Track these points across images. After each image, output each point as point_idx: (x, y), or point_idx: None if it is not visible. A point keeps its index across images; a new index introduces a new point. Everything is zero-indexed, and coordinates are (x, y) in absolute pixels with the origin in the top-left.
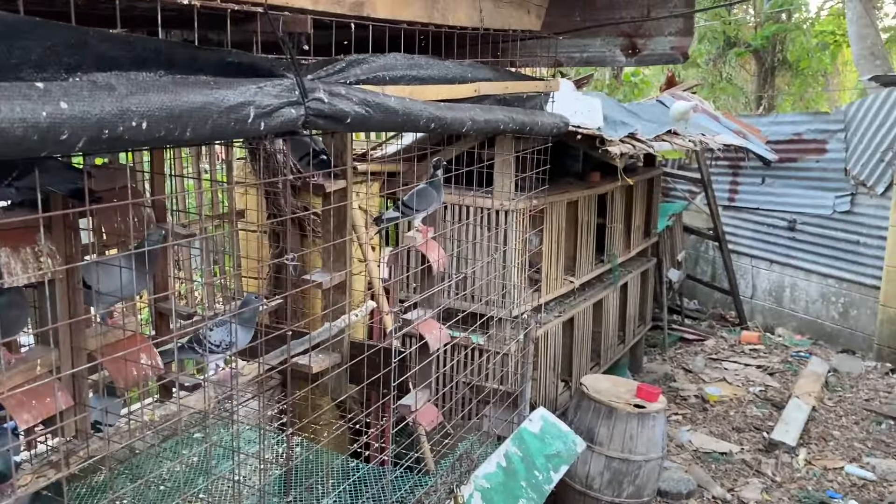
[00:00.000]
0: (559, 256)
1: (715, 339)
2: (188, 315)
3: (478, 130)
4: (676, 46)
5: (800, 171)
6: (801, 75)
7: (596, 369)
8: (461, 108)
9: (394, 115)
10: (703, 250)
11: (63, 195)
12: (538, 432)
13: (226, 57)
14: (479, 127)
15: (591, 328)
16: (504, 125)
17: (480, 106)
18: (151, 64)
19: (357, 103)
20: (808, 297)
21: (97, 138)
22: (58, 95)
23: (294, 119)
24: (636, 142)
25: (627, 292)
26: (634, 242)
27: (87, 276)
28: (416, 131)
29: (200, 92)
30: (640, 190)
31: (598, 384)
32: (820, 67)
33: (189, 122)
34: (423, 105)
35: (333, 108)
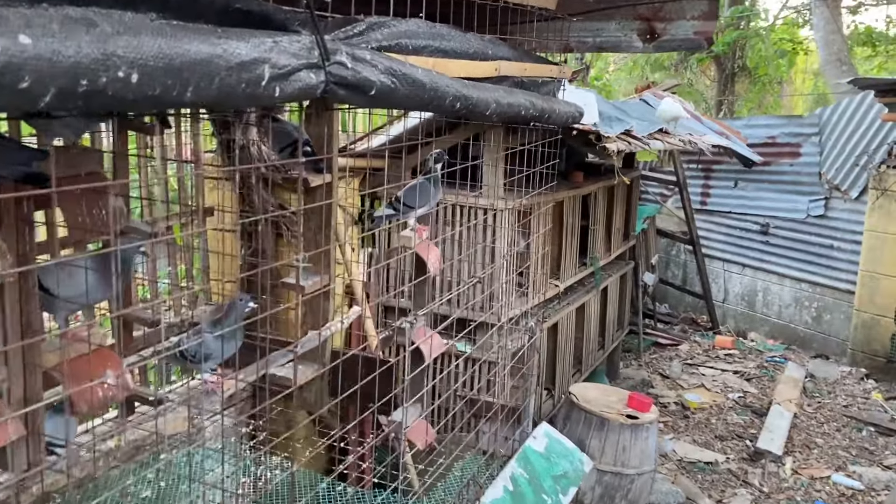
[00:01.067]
0: (546, 259)
1: (689, 344)
2: (152, 322)
3: (501, 115)
4: (700, 31)
5: (773, 174)
6: (759, 82)
7: (577, 376)
8: (485, 87)
9: (421, 89)
10: (674, 254)
11: (14, 181)
12: (543, 451)
13: (233, 2)
14: (502, 111)
15: (574, 334)
16: (525, 110)
17: (503, 88)
18: (139, 3)
19: (383, 72)
20: (782, 301)
21: (71, 91)
22: (16, 25)
23: (313, 86)
24: (632, 139)
25: (608, 296)
26: (615, 245)
27: (44, 279)
28: (440, 111)
29: (206, 41)
30: (620, 191)
31: (588, 393)
32: (777, 75)
33: (191, 79)
34: (449, 81)
35: (357, 75)
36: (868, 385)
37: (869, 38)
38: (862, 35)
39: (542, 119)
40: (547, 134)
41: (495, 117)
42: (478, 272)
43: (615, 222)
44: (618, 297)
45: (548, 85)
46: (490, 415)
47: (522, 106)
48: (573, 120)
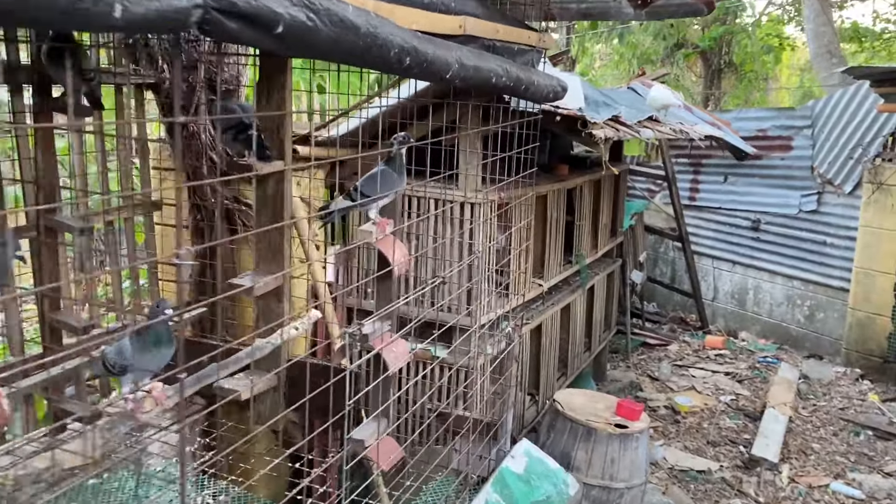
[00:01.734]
0: (528, 257)
1: (678, 344)
2: (86, 328)
3: (465, 79)
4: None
5: (764, 168)
6: (746, 78)
7: (563, 380)
8: (445, 45)
9: (353, 33)
10: (661, 251)
11: None
12: (523, 472)
13: None
14: (466, 74)
15: (559, 335)
16: (496, 77)
17: (469, 48)
18: None
19: (296, 3)
20: (773, 299)
21: None
22: None
23: (181, 10)
24: (621, 126)
25: (594, 296)
26: (601, 242)
27: None
28: (383, 67)
29: None
30: (607, 186)
31: (573, 400)
32: (763, 71)
33: None
34: (395, 29)
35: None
36: (864, 386)
37: (855, 33)
38: (848, 30)
39: (517, 90)
40: (526, 115)
41: (458, 81)
42: (451, 270)
43: (602, 218)
44: (605, 297)
45: (525, 54)
46: (463, 431)
47: (493, 72)
48: (555, 95)
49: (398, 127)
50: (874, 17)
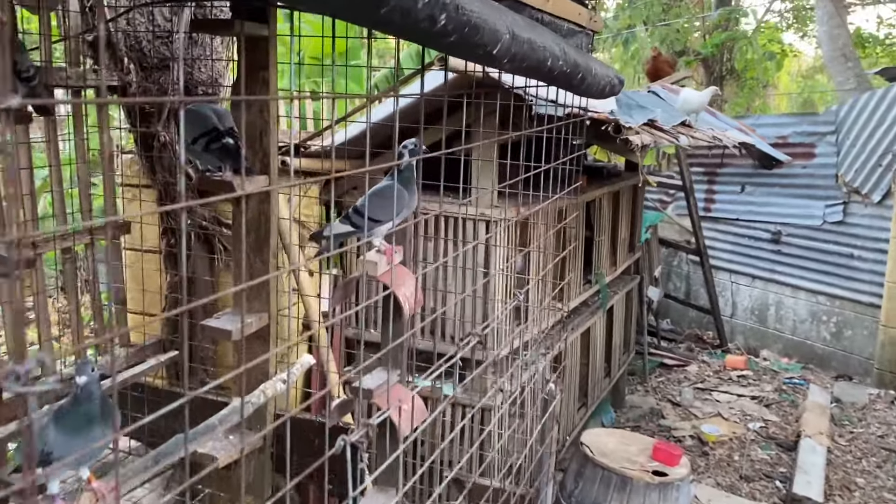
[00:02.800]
0: (547, 278)
1: (697, 365)
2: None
3: (516, 58)
4: None
5: (784, 177)
6: (747, 85)
7: (583, 411)
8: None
9: None
10: (675, 265)
11: None
12: None
13: None
14: (519, 50)
15: (579, 362)
16: (553, 59)
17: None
18: None
19: None
20: (796, 315)
21: None
22: None
23: None
24: (657, 131)
25: (613, 316)
26: (620, 258)
27: None
28: (405, 30)
29: None
30: (625, 198)
31: (603, 443)
32: (765, 78)
33: None
34: None
35: None
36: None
37: (859, 38)
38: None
39: (572, 79)
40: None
41: (506, 61)
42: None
43: (621, 232)
44: (624, 317)
45: (574, 36)
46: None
47: (550, 51)
48: (611, 89)
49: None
50: (878, 22)
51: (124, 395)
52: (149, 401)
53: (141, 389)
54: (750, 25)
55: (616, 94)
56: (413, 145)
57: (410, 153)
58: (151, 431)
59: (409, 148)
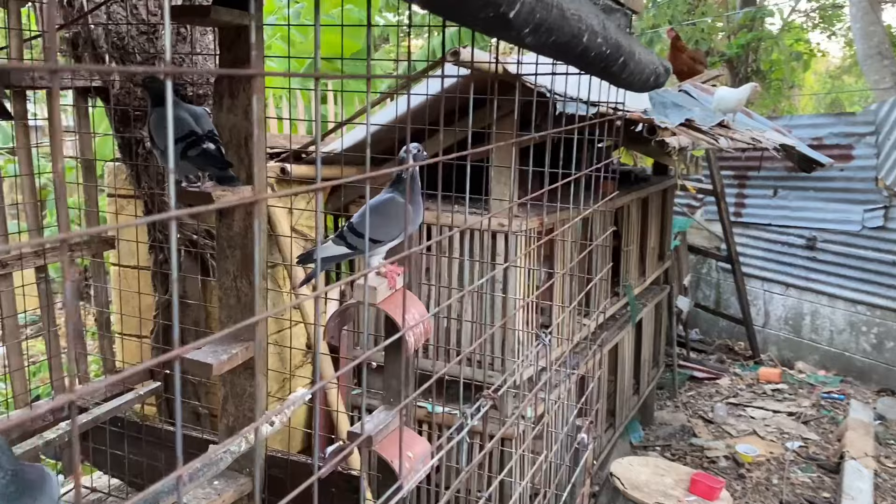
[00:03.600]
0: (572, 293)
1: (729, 378)
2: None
3: (542, 29)
4: None
5: (820, 181)
6: (773, 86)
7: (611, 432)
8: None
9: None
10: (704, 272)
11: None
12: None
13: None
14: (546, 17)
15: (606, 381)
16: (590, 35)
17: None
18: None
19: None
20: (833, 326)
21: None
22: None
23: None
24: (694, 132)
25: (642, 330)
26: (650, 268)
27: None
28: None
29: None
30: (654, 203)
31: (636, 474)
32: (791, 78)
33: None
34: None
35: None
36: None
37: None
38: None
39: (612, 63)
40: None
41: (527, 32)
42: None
43: (650, 240)
44: (653, 331)
45: (612, 15)
46: None
47: (586, 24)
48: (655, 79)
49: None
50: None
51: (102, 429)
52: (129, 436)
53: (120, 423)
54: (775, 25)
55: (660, 85)
56: (416, 150)
57: (413, 156)
58: (133, 469)
59: (411, 153)
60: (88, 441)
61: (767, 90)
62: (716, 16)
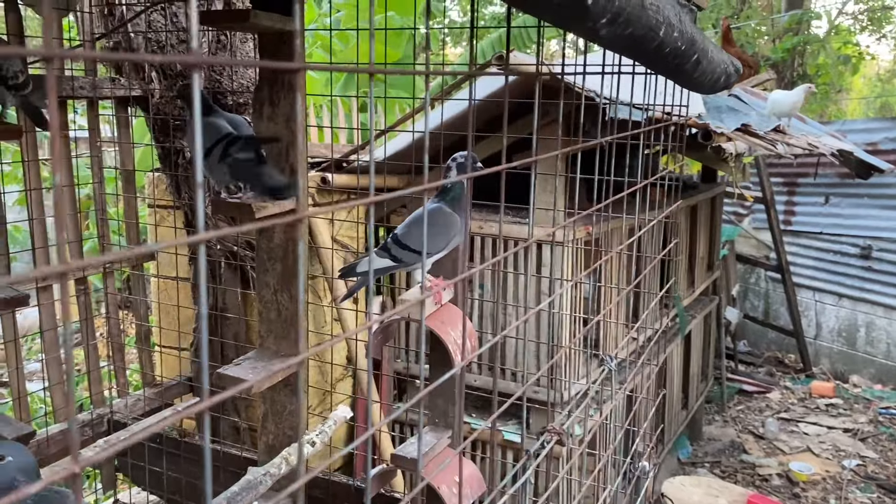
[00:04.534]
0: (620, 306)
1: (780, 392)
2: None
3: (620, 18)
4: None
5: (874, 187)
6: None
7: (659, 448)
8: None
9: None
10: (752, 282)
11: None
12: None
13: None
14: (625, 6)
15: (655, 396)
16: (667, 29)
17: None
18: None
19: None
20: (890, 338)
21: None
22: None
23: None
24: (752, 137)
25: (691, 343)
26: (698, 278)
27: None
28: None
29: None
30: (703, 211)
31: (688, 495)
32: (839, 82)
33: None
34: None
35: None
36: None
37: None
38: None
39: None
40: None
41: (605, 23)
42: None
43: (699, 250)
44: (702, 344)
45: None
46: None
47: (664, 17)
48: (726, 79)
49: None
50: None
51: (141, 444)
52: (168, 452)
53: (159, 440)
54: (822, 28)
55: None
56: (463, 158)
57: (459, 168)
58: (171, 486)
59: (458, 161)
60: (127, 457)
61: (815, 95)
62: (760, 19)
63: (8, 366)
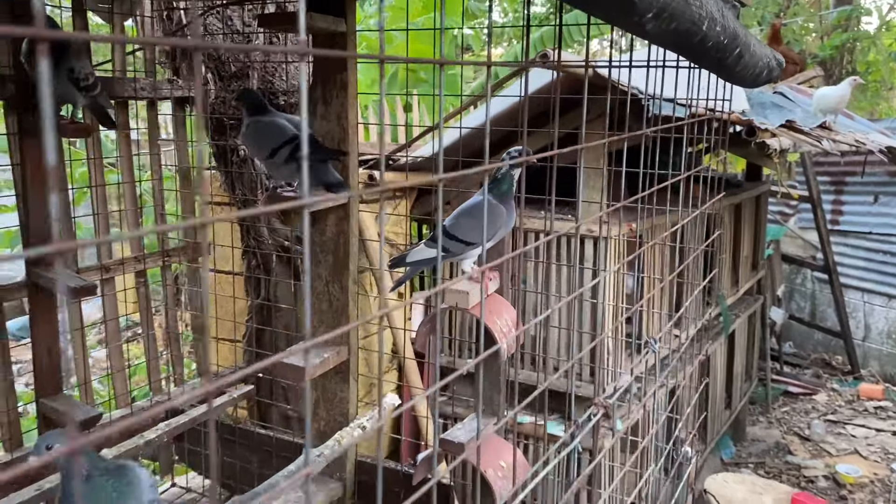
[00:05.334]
0: (662, 303)
1: (826, 394)
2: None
3: (665, 12)
4: None
5: None
6: (870, 89)
7: (701, 443)
8: None
9: None
10: (798, 283)
11: None
12: None
13: None
14: (671, 2)
15: (698, 393)
16: (710, 23)
17: None
18: None
19: None
20: None
21: None
22: None
23: None
24: (796, 133)
25: (735, 342)
26: (742, 277)
27: None
28: None
29: None
30: (747, 210)
31: (731, 492)
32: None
33: None
34: None
35: None
36: None
37: None
38: None
39: (728, 54)
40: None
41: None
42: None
43: (743, 248)
44: (745, 343)
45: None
46: None
47: (707, 11)
48: (768, 73)
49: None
50: None
51: (197, 431)
52: (223, 438)
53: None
54: (872, 24)
55: (772, 80)
56: (517, 153)
57: (511, 157)
58: (226, 471)
59: (512, 155)
60: (184, 442)
61: (864, 92)
62: (808, 16)
63: (74, 354)
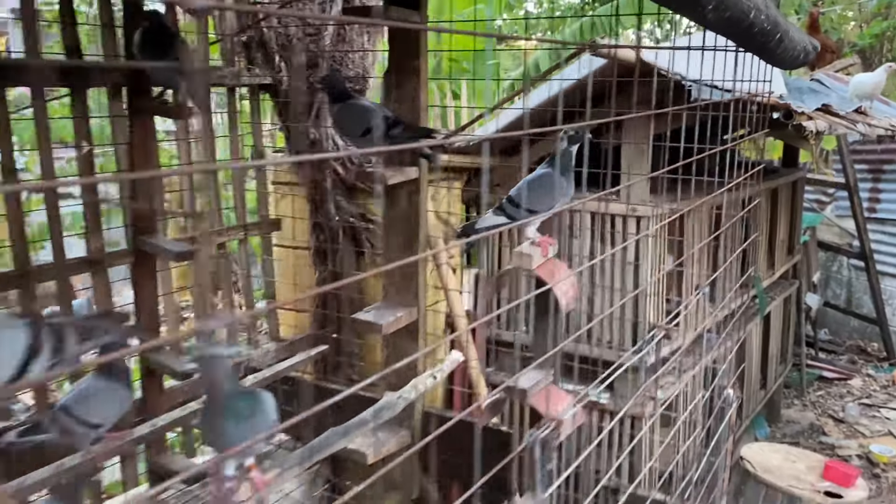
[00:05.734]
0: (699, 281)
1: (861, 379)
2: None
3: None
4: None
5: None
6: None
7: (737, 425)
8: None
9: None
10: (834, 270)
11: None
12: None
13: None
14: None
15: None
16: (756, 13)
17: None
18: None
19: None
20: None
21: None
22: None
23: None
24: (833, 117)
25: (770, 324)
26: (778, 261)
27: None
28: None
29: None
30: (783, 195)
31: (767, 459)
32: None
33: None
34: None
35: None
36: None
37: None
38: None
39: (770, 39)
40: None
41: (711, 8)
42: (615, 298)
43: (779, 233)
44: (781, 325)
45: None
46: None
47: (754, 3)
48: (805, 56)
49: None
50: None
51: (274, 388)
52: (297, 394)
53: (291, 383)
54: None
55: (808, 62)
56: (574, 132)
57: (570, 140)
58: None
59: (569, 134)
60: None
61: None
62: (846, 4)
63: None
